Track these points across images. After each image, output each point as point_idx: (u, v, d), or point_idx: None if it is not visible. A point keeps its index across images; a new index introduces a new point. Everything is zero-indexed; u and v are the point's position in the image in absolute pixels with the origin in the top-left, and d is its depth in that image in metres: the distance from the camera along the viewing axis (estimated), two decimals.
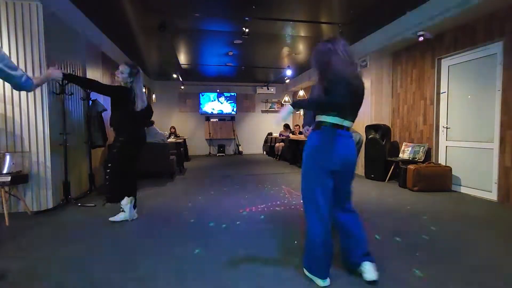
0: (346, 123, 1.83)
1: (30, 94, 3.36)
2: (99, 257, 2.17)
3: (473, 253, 2.24)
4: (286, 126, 9.47)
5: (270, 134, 10.82)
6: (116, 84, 3.19)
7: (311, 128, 1.95)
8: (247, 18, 4.61)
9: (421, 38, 4.49)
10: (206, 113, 10.72)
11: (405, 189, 4.51)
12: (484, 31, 3.91)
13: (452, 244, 2.41)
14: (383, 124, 5.54)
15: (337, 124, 1.80)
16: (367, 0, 4.16)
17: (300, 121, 10.24)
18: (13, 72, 2.00)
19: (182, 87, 9.74)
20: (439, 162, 4.71)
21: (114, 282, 1.84)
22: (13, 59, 3.31)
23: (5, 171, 3.18)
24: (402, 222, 2.99)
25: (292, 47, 6.58)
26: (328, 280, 1.78)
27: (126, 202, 2.99)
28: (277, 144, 9.29)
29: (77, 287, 1.80)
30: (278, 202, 3.74)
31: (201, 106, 10.64)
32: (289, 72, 8.11)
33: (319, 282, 1.77)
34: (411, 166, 4.44)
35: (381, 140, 5.37)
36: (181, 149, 7.46)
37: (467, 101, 4.32)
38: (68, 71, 3.93)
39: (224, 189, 4.64)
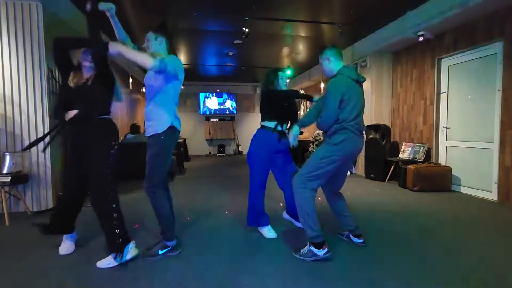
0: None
1: (30, 94, 3.36)
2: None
3: (473, 253, 2.24)
4: None
5: None
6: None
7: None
8: (247, 18, 4.61)
9: (421, 38, 4.49)
10: (206, 113, 10.74)
11: (405, 189, 4.50)
12: (484, 31, 3.91)
13: (452, 244, 2.41)
14: (383, 124, 5.54)
15: None
16: (367, 0, 4.16)
17: None
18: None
19: (182, 87, 9.73)
20: (439, 162, 4.70)
21: (116, 281, 1.84)
22: (13, 59, 3.32)
23: (5, 171, 3.18)
24: (402, 222, 2.99)
25: (292, 47, 6.58)
26: None
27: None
28: None
29: (77, 287, 1.80)
30: (281, 204, 3.74)
31: (201, 106, 10.65)
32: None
33: None
34: (411, 166, 4.44)
35: (381, 140, 5.37)
36: (181, 149, 7.46)
37: (467, 101, 4.32)
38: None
39: (225, 189, 4.64)
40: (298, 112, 2.76)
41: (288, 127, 2.64)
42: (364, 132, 2.30)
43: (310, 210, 2.11)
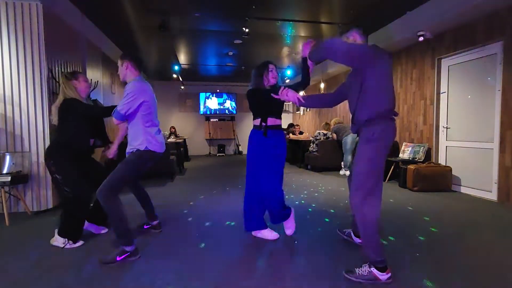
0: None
1: (30, 94, 3.36)
2: (99, 257, 2.17)
3: (473, 253, 2.24)
4: (291, 125, 9.47)
5: None
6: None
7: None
8: (247, 18, 4.61)
9: (421, 38, 4.49)
10: (206, 113, 10.74)
11: (405, 189, 4.51)
12: (484, 31, 3.91)
13: (452, 244, 2.41)
14: None
15: None
16: (367, 0, 4.16)
17: (300, 121, 10.23)
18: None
19: (182, 87, 9.75)
20: (439, 162, 4.71)
21: (116, 282, 1.84)
22: (13, 59, 3.32)
23: (5, 171, 3.18)
24: (402, 223, 2.99)
25: (292, 47, 6.58)
26: None
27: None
28: None
29: (77, 287, 1.80)
30: None
31: (201, 106, 10.66)
32: (289, 72, 8.11)
33: None
34: (411, 166, 4.44)
35: None
36: (181, 149, 7.46)
37: (467, 101, 4.32)
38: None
39: (225, 190, 4.64)
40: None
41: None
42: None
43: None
